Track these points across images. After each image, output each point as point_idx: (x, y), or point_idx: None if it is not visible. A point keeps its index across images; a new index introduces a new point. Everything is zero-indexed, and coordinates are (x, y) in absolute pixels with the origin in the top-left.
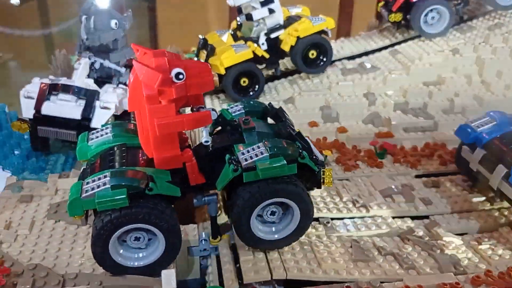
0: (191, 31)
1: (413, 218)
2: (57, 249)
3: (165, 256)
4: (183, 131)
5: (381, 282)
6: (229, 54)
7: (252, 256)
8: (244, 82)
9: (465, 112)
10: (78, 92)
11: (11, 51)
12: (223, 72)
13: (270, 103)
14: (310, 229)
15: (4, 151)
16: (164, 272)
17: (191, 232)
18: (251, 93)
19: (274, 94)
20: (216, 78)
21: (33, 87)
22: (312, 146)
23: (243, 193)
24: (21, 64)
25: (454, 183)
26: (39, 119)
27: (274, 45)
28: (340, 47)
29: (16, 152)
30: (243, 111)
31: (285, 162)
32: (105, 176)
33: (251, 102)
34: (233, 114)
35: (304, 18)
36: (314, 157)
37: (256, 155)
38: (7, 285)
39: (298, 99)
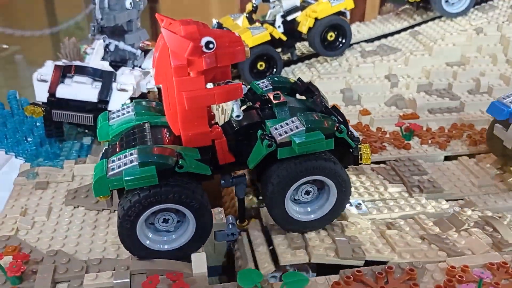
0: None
1: (447, 200)
2: (78, 236)
3: (195, 239)
4: (210, 107)
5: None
6: (246, 37)
7: (285, 238)
8: (261, 66)
9: (492, 92)
10: (94, 73)
11: (18, 45)
12: None
13: (299, 78)
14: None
15: (17, 138)
16: (194, 256)
17: (217, 216)
18: None
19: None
20: (247, 49)
21: (47, 69)
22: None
23: (279, 170)
24: (27, 58)
25: (487, 162)
26: (54, 102)
27: (290, 27)
28: (356, 31)
29: (29, 139)
30: (271, 87)
31: (323, 136)
32: (131, 154)
33: (277, 78)
34: (262, 90)
35: None
36: (350, 132)
37: (291, 130)
38: (27, 273)
39: (317, 83)
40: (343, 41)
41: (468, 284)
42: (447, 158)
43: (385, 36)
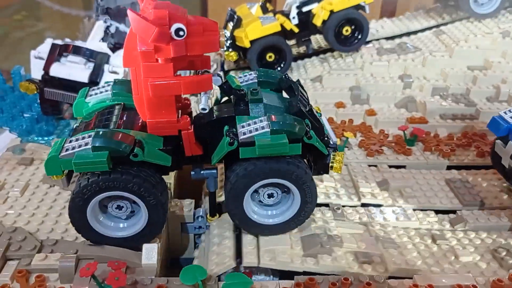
0: None
1: (437, 212)
2: (45, 214)
3: (147, 230)
4: (186, 95)
5: (388, 278)
6: (255, 26)
7: (254, 238)
8: (270, 57)
9: (511, 101)
10: (88, 54)
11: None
12: (247, 45)
13: (286, 74)
14: (318, 215)
15: (13, 113)
16: (145, 246)
17: (186, 208)
18: (277, 69)
19: (302, 72)
20: (222, 39)
21: (45, 47)
22: (328, 127)
23: (238, 169)
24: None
25: (487, 177)
26: (47, 80)
27: (306, 19)
28: (380, 26)
29: (25, 115)
30: (256, 80)
31: (286, 140)
32: (89, 136)
33: (268, 72)
34: (245, 83)
35: None
36: (325, 138)
37: (257, 129)
38: None
39: (326, 78)
40: (359, 36)
41: None
42: (450, 168)
43: (408, 34)
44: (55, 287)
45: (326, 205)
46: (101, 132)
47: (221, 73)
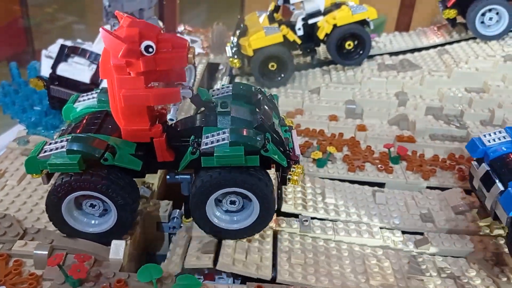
0: None
1: (404, 232)
2: (35, 204)
3: (116, 228)
4: (161, 106)
5: None
6: (259, 36)
7: (200, 242)
8: (272, 66)
9: (505, 126)
10: (93, 57)
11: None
12: (251, 53)
13: (259, 88)
14: (285, 225)
15: (24, 106)
16: (114, 242)
17: (163, 208)
18: (278, 79)
19: (302, 83)
20: (190, 55)
21: (55, 47)
22: (294, 140)
23: (201, 177)
24: (88, 31)
25: (461, 199)
26: (54, 78)
27: (311, 31)
28: (388, 41)
29: (35, 108)
30: (231, 93)
31: (242, 152)
32: (66, 140)
33: (243, 86)
34: (220, 95)
35: (344, 6)
36: (287, 151)
37: (218, 141)
38: None
39: (324, 90)
40: (361, 52)
41: None
42: (429, 189)
43: (412, 50)
44: (29, 271)
45: (296, 215)
46: (76, 137)
47: (193, 87)
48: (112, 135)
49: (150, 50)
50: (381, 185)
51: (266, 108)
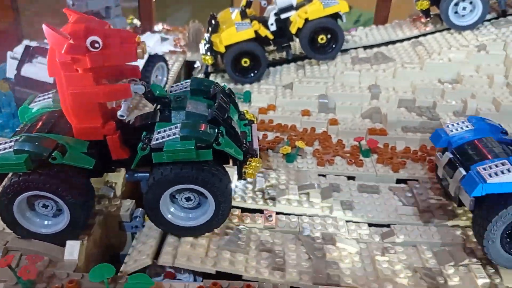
0: None
1: (371, 225)
2: None
3: (69, 228)
4: (115, 103)
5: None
6: (230, 32)
7: (178, 240)
8: (245, 62)
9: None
10: None
11: None
12: (223, 50)
13: (216, 82)
14: (247, 220)
15: None
16: (69, 242)
17: (124, 207)
18: (251, 75)
19: (276, 78)
20: (139, 51)
21: (20, 48)
22: (253, 135)
23: (153, 174)
24: None
25: (428, 190)
26: (19, 80)
27: (284, 26)
28: (364, 34)
29: (3, 110)
30: (189, 89)
31: (193, 146)
32: (15, 140)
33: (201, 80)
34: (179, 91)
35: (316, 0)
36: (244, 146)
37: (168, 136)
38: None
39: (297, 86)
40: (334, 45)
41: None
42: (399, 181)
43: (387, 43)
44: None
45: (261, 211)
46: (24, 137)
47: (145, 82)
48: (66, 135)
49: (96, 45)
50: (351, 178)
51: (222, 102)
